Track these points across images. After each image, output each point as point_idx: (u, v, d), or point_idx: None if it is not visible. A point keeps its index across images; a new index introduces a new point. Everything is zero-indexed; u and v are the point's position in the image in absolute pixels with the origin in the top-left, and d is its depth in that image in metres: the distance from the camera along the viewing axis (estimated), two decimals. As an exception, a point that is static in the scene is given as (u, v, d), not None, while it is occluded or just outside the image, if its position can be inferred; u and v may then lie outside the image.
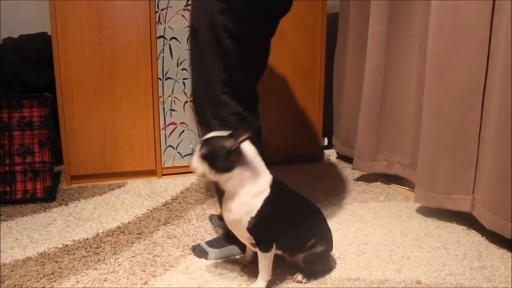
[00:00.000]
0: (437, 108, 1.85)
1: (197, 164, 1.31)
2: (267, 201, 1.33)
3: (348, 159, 2.67)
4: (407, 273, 1.52)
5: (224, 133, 1.32)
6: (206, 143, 1.31)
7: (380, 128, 2.30)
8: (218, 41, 1.45)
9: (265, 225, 1.35)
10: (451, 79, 1.79)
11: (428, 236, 1.79)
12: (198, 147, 1.32)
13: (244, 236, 1.39)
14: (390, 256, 1.63)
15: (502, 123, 1.60)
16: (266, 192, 1.34)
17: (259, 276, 1.42)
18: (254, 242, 1.39)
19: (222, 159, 1.29)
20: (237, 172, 1.31)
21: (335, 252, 1.65)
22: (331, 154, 2.81)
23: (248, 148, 1.33)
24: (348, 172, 2.55)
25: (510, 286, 1.46)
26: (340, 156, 2.79)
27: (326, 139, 2.84)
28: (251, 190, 1.33)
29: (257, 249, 1.39)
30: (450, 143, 1.83)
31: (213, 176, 1.31)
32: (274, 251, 1.40)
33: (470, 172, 1.80)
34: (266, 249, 1.38)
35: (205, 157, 1.30)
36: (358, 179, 2.43)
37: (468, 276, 1.50)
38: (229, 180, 1.32)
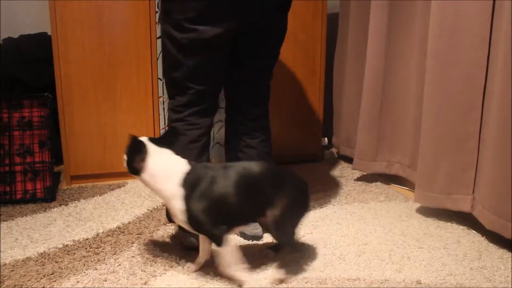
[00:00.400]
0: (437, 108, 1.85)
1: (124, 156, 1.38)
2: (187, 201, 1.34)
3: (348, 159, 2.67)
4: (407, 273, 1.52)
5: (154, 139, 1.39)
6: (130, 141, 1.37)
7: (380, 128, 2.30)
8: (163, 41, 1.61)
9: (202, 223, 1.35)
10: (451, 79, 1.79)
11: (428, 236, 1.79)
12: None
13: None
14: (390, 256, 1.63)
15: (502, 123, 1.60)
16: (179, 193, 1.34)
17: (237, 276, 1.40)
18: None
19: (130, 161, 1.36)
20: (144, 177, 1.36)
21: (335, 252, 1.65)
22: (331, 154, 2.81)
23: (159, 154, 1.36)
24: (348, 172, 2.55)
25: (510, 286, 1.46)
26: (340, 156, 2.79)
27: (326, 139, 2.85)
28: (164, 195, 1.37)
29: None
30: (450, 143, 1.83)
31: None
32: (230, 243, 1.38)
33: (470, 172, 1.81)
34: (219, 244, 1.37)
35: (125, 154, 1.37)
36: (358, 179, 2.43)
37: (468, 276, 1.50)
38: (144, 183, 1.38)
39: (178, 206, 1.35)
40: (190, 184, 1.35)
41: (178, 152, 1.40)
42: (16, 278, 1.47)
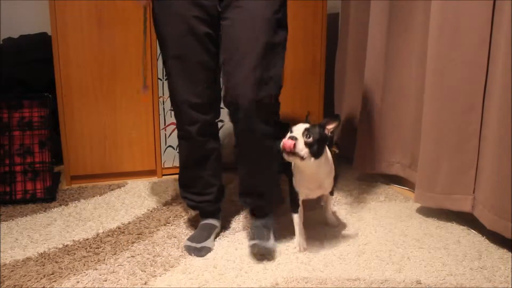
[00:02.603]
0: (437, 108, 1.85)
1: (303, 148, 1.49)
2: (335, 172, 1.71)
3: (348, 159, 2.67)
4: (407, 273, 1.52)
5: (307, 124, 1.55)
6: (309, 131, 1.51)
7: (380, 128, 2.30)
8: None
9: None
10: (451, 79, 1.79)
11: (428, 236, 1.79)
12: (299, 133, 1.51)
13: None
14: (390, 256, 1.63)
15: (502, 123, 1.60)
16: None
17: (328, 211, 1.87)
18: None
19: (322, 146, 1.55)
20: (324, 157, 1.59)
21: (335, 252, 1.65)
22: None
23: None
24: (348, 172, 2.54)
25: (510, 286, 1.46)
26: (340, 156, 2.79)
27: (326, 139, 2.84)
28: (330, 171, 1.68)
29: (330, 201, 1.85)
30: (451, 143, 1.83)
31: (309, 160, 1.51)
32: None
33: (470, 172, 1.80)
34: (333, 193, 1.84)
35: (310, 145, 1.50)
36: (358, 179, 2.43)
37: (468, 276, 1.50)
38: (316, 163, 1.55)
39: (333, 172, 1.69)
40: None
41: None
42: (16, 278, 1.47)
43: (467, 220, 1.86)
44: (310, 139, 1.49)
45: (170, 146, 2.41)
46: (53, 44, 2.17)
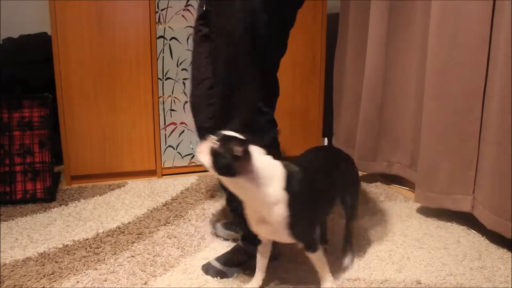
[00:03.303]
0: (437, 108, 1.85)
1: (204, 154, 1.20)
2: (291, 206, 1.23)
3: (348, 159, 2.67)
4: (407, 273, 1.52)
5: (244, 136, 1.21)
6: (223, 139, 1.19)
7: (380, 128, 2.30)
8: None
9: (306, 228, 1.30)
10: (451, 79, 1.79)
11: (428, 236, 1.79)
12: (214, 138, 1.20)
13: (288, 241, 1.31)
14: (390, 256, 1.63)
15: (502, 123, 1.60)
16: (284, 197, 1.23)
17: (324, 278, 1.38)
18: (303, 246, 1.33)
19: (226, 162, 1.17)
20: (242, 180, 1.19)
21: (335, 252, 1.64)
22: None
23: (260, 153, 1.23)
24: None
25: (510, 286, 1.46)
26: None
27: (326, 139, 2.84)
28: (264, 200, 1.23)
29: (308, 253, 1.34)
30: (451, 143, 1.83)
31: (214, 173, 1.20)
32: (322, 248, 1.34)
33: (470, 172, 1.80)
34: (315, 249, 1.32)
35: (213, 153, 1.18)
36: (358, 179, 2.43)
37: (468, 276, 1.50)
38: (234, 184, 1.22)
39: (281, 212, 1.23)
40: (292, 187, 1.24)
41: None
42: (16, 278, 1.47)
43: (467, 220, 1.86)
44: (214, 146, 1.18)
45: (170, 146, 2.41)
46: (53, 44, 2.17)
